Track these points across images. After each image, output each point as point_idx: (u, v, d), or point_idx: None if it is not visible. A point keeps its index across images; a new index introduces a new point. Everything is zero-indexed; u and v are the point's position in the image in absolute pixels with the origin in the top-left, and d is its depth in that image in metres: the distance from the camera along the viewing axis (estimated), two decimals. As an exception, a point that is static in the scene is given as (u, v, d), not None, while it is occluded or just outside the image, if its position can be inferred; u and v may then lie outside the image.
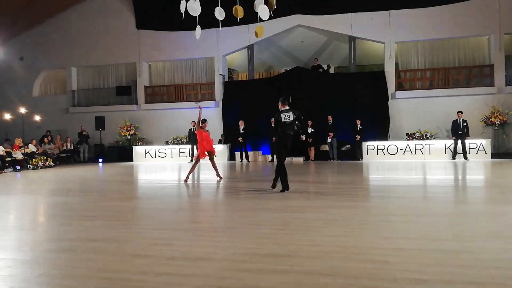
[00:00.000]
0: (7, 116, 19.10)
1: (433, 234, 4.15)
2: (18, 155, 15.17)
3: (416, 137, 15.36)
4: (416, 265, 3.20)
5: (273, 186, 7.57)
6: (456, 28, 16.13)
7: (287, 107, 7.27)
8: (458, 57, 16.91)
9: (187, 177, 9.53)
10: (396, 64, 17.20)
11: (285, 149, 7.28)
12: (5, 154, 14.60)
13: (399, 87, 17.08)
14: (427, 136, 15.32)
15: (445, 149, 14.88)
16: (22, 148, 15.73)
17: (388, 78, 16.71)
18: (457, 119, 14.54)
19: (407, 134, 15.70)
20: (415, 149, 15.09)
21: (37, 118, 19.50)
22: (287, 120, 7.09)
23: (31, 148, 16.34)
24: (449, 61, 16.99)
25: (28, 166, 14.87)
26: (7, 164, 14.36)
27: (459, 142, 14.36)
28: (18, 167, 14.55)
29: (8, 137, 17.70)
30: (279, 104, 7.33)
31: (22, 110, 17.60)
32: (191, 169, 9.61)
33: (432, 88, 16.62)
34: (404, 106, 16.59)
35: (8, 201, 7.44)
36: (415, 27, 16.48)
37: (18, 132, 17.88)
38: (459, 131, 14.36)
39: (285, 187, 7.29)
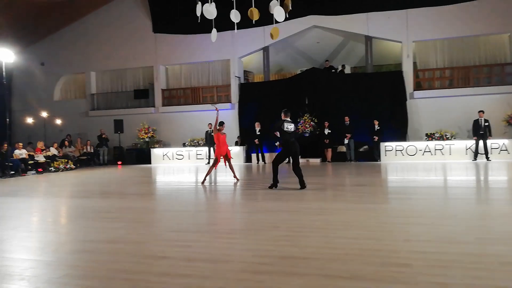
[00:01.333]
0: (29, 120, 19.60)
1: (455, 236, 4.07)
2: (40, 158, 15.53)
3: (436, 138, 15.06)
4: (438, 268, 3.14)
5: (300, 185, 7.90)
6: (475, 25, 15.78)
7: (289, 119, 8.05)
8: (478, 56, 16.52)
9: (204, 179, 9.59)
10: (414, 63, 16.91)
11: (295, 155, 7.95)
12: (27, 157, 14.98)
13: (418, 86, 16.79)
14: (447, 137, 15.01)
15: (466, 149, 14.55)
16: (44, 151, 16.10)
17: (406, 77, 16.45)
18: (478, 119, 14.21)
19: (426, 135, 15.41)
20: (435, 149, 14.80)
21: (58, 121, 19.95)
22: (288, 130, 7.85)
23: (53, 151, 16.72)
24: (469, 59, 16.61)
25: (50, 168, 15.22)
26: (29, 167, 14.74)
27: (481, 142, 14.02)
28: (40, 169, 14.92)
29: (30, 141, 18.17)
30: (282, 115, 8.07)
31: (44, 114, 18.03)
32: (208, 171, 9.65)
33: (452, 87, 16.28)
34: (423, 106, 16.31)
35: (31, 204, 7.63)
36: (433, 26, 16.19)
37: (40, 136, 18.34)
38: (480, 131, 14.03)
39: (274, 185, 8.04)
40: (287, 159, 8.15)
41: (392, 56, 18.60)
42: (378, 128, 15.29)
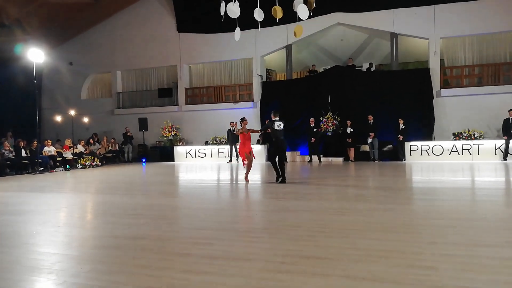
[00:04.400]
0: (58, 118, 20.20)
1: (483, 239, 3.94)
2: (68, 155, 16.02)
3: (464, 137, 14.63)
4: (466, 272, 3.05)
5: (281, 179, 8.82)
6: (506, 21, 15.19)
7: (278, 118, 8.90)
8: (509, 52, 15.93)
9: (246, 175, 9.41)
10: (442, 60, 16.48)
11: (282, 152, 8.83)
12: (56, 154, 15.47)
13: (445, 84, 16.36)
14: (475, 136, 14.56)
15: (495, 149, 14.08)
16: (72, 148, 16.59)
17: (433, 75, 16.05)
18: (508, 118, 13.73)
19: (454, 134, 15.00)
20: (462, 149, 14.39)
21: (85, 120, 20.49)
22: (278, 128, 8.75)
23: (80, 148, 17.19)
24: (499, 56, 16.04)
25: (77, 165, 15.67)
26: (58, 164, 15.21)
27: (511, 142, 13.55)
28: (68, 166, 15.38)
29: (58, 138, 18.73)
30: (272, 115, 9.01)
31: (72, 112, 18.53)
32: (247, 168, 9.43)
33: (481, 85, 15.78)
34: (450, 104, 15.87)
35: (59, 199, 7.86)
36: (461, 21, 15.71)
37: (68, 133, 18.86)
38: (511, 130, 13.56)
39: (279, 177, 8.82)
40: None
41: (418, 53, 18.18)
42: (403, 127, 14.99)
